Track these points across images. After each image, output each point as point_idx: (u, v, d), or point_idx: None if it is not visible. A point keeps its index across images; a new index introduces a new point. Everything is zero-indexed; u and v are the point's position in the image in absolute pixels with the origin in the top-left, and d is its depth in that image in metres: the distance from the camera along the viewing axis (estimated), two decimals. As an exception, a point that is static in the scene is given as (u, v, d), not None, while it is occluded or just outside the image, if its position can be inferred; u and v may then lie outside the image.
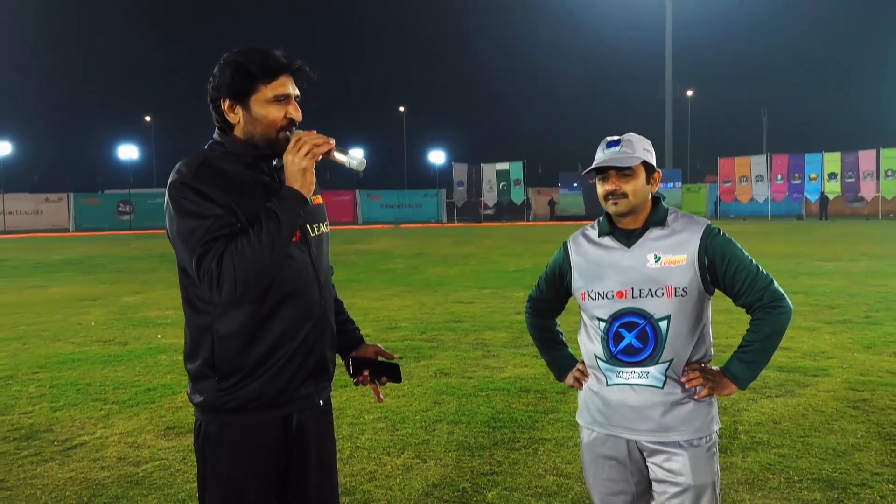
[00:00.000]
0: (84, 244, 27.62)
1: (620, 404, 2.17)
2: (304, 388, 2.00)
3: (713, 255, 2.12)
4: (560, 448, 4.20)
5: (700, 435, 2.14)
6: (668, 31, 54.97)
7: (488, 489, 3.65)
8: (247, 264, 1.77)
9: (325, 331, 2.05)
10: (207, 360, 1.91)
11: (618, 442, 2.19)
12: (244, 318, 1.89)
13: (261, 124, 1.92)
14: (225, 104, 1.94)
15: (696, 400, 2.14)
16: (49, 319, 9.32)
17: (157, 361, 6.70)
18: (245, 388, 1.91)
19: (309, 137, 1.89)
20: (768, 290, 2.13)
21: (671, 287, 2.11)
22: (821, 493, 3.53)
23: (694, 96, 70.75)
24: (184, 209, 1.84)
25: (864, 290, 10.58)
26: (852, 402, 5.00)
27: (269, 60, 1.91)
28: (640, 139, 2.20)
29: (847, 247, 19.75)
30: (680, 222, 2.18)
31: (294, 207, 1.86)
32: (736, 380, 2.14)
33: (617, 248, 2.19)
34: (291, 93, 1.95)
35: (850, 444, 4.17)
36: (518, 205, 48.85)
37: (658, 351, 2.12)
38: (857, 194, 42.28)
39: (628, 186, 2.13)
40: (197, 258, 1.80)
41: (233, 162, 1.93)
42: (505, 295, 10.90)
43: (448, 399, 5.23)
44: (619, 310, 2.15)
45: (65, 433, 4.66)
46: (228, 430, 1.94)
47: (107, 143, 68.33)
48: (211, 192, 1.83)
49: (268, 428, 1.95)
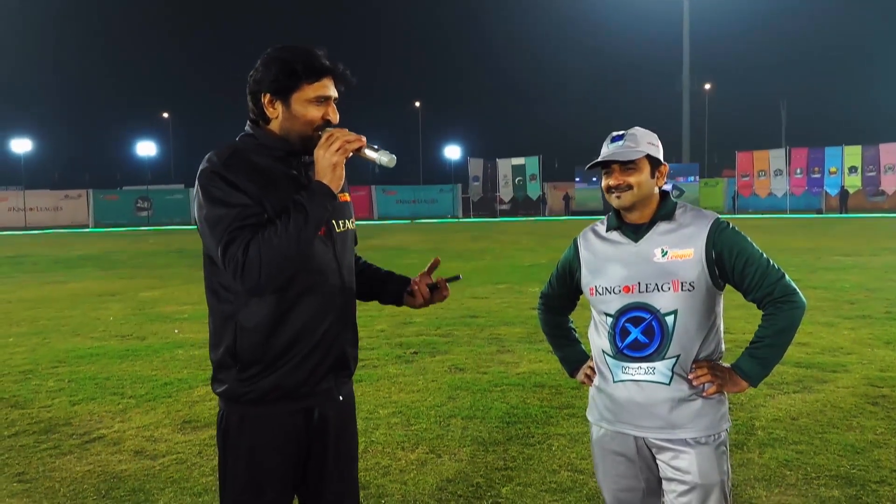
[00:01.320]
0: (103, 240, 27.91)
1: (627, 401, 2.15)
2: (325, 383, 2.02)
3: (721, 249, 2.09)
4: (574, 443, 4.18)
5: (708, 433, 2.10)
6: (685, 23, 54.48)
7: (502, 484, 3.64)
8: (272, 254, 1.79)
9: (346, 326, 2.07)
10: (229, 349, 1.94)
11: (626, 438, 2.18)
12: (266, 308, 1.91)
13: (299, 122, 1.95)
14: (265, 98, 1.96)
15: (705, 397, 2.11)
16: (68, 314, 9.43)
17: (175, 356, 6.76)
18: (265, 379, 1.93)
19: (340, 134, 1.92)
20: (779, 284, 2.08)
21: (678, 282, 2.08)
22: (839, 489, 3.49)
23: (712, 89, 70.15)
24: (212, 197, 1.86)
25: (884, 286, 10.45)
26: (871, 399, 4.94)
27: (314, 61, 1.94)
28: (646, 133, 2.18)
29: (867, 241, 19.51)
30: (688, 216, 2.16)
31: (322, 201, 1.88)
32: (746, 377, 2.10)
33: (624, 243, 2.18)
34: (332, 95, 1.99)
35: (868, 441, 4.13)
36: (534, 200, 48.72)
37: (664, 346, 2.09)
38: (877, 188, 41.73)
39: (632, 179, 2.12)
40: (223, 246, 1.82)
41: (263, 154, 1.96)
42: (520, 290, 10.88)
43: (463, 394, 5.23)
44: (625, 304, 2.14)
45: (83, 426, 4.71)
46: (249, 420, 1.96)
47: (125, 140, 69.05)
48: (239, 181, 1.86)
49: (288, 420, 1.97)
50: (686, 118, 57.51)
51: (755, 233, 2.23)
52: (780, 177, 43.47)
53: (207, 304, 2.03)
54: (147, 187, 50.18)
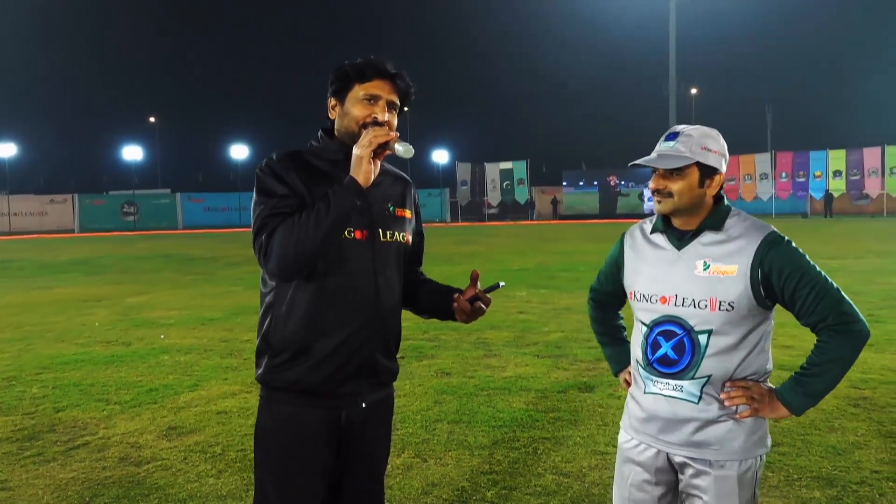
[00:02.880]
0: (89, 245, 27.73)
1: (654, 413, 2.06)
2: (347, 387, 2.04)
3: (770, 269, 1.92)
4: (559, 447, 4.20)
5: (735, 458, 1.97)
6: (671, 28, 54.83)
7: (487, 488, 3.66)
8: (291, 239, 1.87)
9: (377, 335, 2.07)
10: (265, 335, 2.04)
11: (648, 450, 2.09)
12: (297, 301, 1.98)
13: (348, 118, 2.05)
14: (330, 103, 2.11)
15: (737, 420, 1.97)
16: (53, 320, 9.36)
17: (160, 362, 6.73)
18: (290, 371, 2.00)
19: (373, 130, 1.98)
20: (835, 309, 1.91)
21: (716, 300, 1.94)
22: (820, 490, 3.53)
23: (698, 94, 70.61)
24: (260, 187, 1.99)
25: (868, 288, 10.56)
26: (853, 401, 4.99)
27: (366, 65, 2.05)
28: (704, 135, 2.00)
29: (852, 244, 19.71)
30: (739, 227, 1.99)
31: (347, 194, 1.93)
32: (787, 404, 1.96)
33: (667, 249, 2.05)
34: (383, 95, 2.05)
35: (850, 443, 4.17)
36: (522, 204, 48.83)
37: (694, 365, 1.97)
38: (862, 192, 42.15)
39: (674, 186, 1.97)
40: (256, 230, 1.95)
41: (323, 159, 2.07)
42: (508, 294, 10.90)
43: (449, 398, 5.24)
44: (660, 316, 2.03)
45: (67, 433, 4.68)
46: (275, 406, 2.04)
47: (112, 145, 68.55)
48: (287, 176, 1.97)
49: (312, 415, 2.02)
50: (672, 122, 57.84)
51: None
52: (766, 181, 43.82)
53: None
54: (133, 192, 49.88)
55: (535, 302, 10.05)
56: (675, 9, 53.75)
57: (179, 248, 24.08)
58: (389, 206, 2.13)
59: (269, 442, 2.06)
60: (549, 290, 11.09)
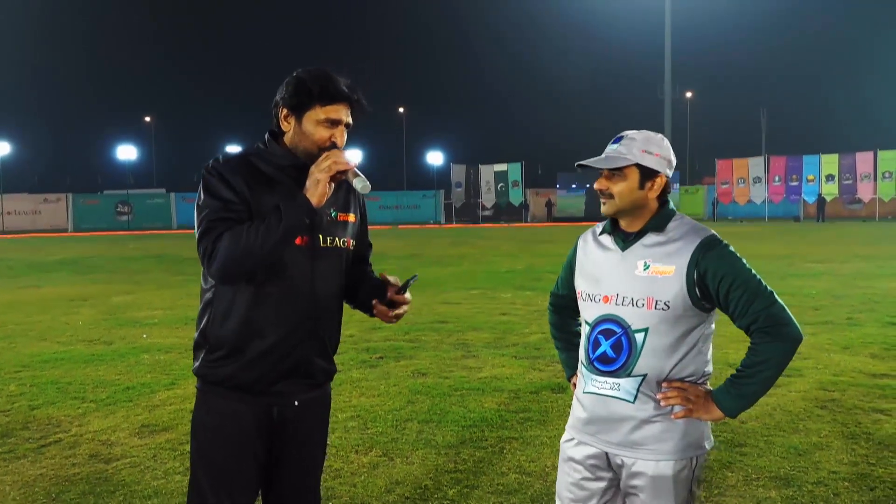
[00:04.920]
0: (81, 244, 27.68)
1: (593, 413, 2.11)
2: (280, 385, 2.10)
3: (705, 271, 1.96)
4: (526, 447, 4.25)
5: (669, 458, 2.01)
6: (667, 32, 54.97)
7: (449, 486, 3.70)
8: (237, 249, 1.93)
9: (312, 338, 2.13)
10: (203, 331, 2.10)
11: (587, 448, 2.13)
12: (235, 301, 2.05)
13: (307, 139, 2.07)
14: (282, 112, 2.10)
15: (672, 420, 2.01)
16: (37, 319, 9.38)
17: (140, 361, 6.76)
18: (224, 367, 2.07)
19: (334, 155, 2.03)
20: (765, 312, 1.94)
21: (652, 299, 1.99)
22: (776, 490, 3.58)
23: (693, 98, 70.75)
24: (206, 188, 2.03)
25: (850, 292, 10.63)
26: (821, 402, 5.04)
27: (330, 86, 2.06)
28: (647, 140, 2.07)
29: (841, 248, 19.80)
30: (679, 230, 2.05)
31: (299, 213, 1.99)
32: (721, 406, 1.99)
33: (613, 250, 2.11)
34: (343, 119, 2.09)
35: (812, 443, 4.23)
36: (516, 206, 48.87)
37: (630, 363, 2.02)
38: (854, 196, 42.31)
39: (615, 188, 2.05)
40: (200, 233, 1.99)
41: (269, 164, 2.09)
42: (492, 296, 10.95)
43: (422, 398, 5.28)
44: (601, 315, 2.09)
45: (40, 431, 4.71)
46: (210, 400, 2.11)
47: (106, 144, 68.57)
48: (233, 180, 2.01)
49: (244, 409, 2.08)
50: (668, 126, 57.93)
51: (734, 240, 2.15)
52: (759, 184, 43.94)
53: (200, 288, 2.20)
54: (128, 192, 49.80)
55: (520, 304, 10.10)
56: (670, 13, 53.90)
57: (172, 248, 24.07)
58: (331, 211, 2.16)
59: (203, 433, 2.13)
60: (535, 291, 11.13)
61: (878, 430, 4.44)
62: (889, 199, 40.81)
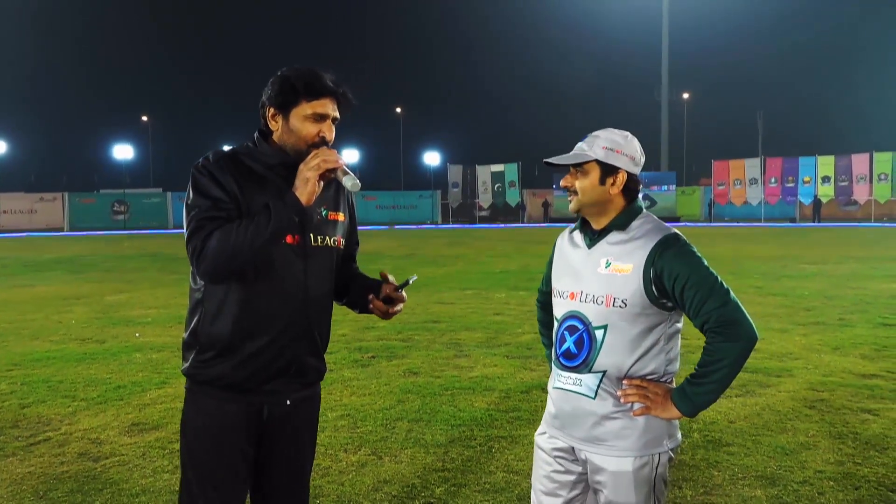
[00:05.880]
0: (77, 243, 27.65)
1: (559, 408, 2.16)
2: (272, 384, 2.10)
3: (661, 269, 1.99)
4: (514, 445, 4.26)
5: (629, 454, 2.04)
6: (664, 34, 55.09)
7: (437, 485, 3.71)
8: (226, 247, 1.92)
9: (304, 337, 2.13)
10: (193, 330, 2.09)
11: (557, 442, 2.18)
12: (226, 301, 2.04)
13: (295, 136, 2.07)
14: (269, 112, 2.10)
15: (632, 417, 2.04)
16: (31, 318, 9.37)
17: (132, 359, 6.76)
18: (215, 367, 2.06)
19: (323, 153, 2.02)
20: (717, 312, 1.95)
21: (611, 297, 2.03)
22: (762, 489, 3.60)
23: (690, 100, 70.90)
24: (195, 187, 2.02)
25: (842, 293, 10.66)
26: (810, 402, 5.06)
27: (315, 81, 2.06)
28: (609, 137, 2.09)
29: (835, 249, 19.84)
30: (641, 229, 2.07)
31: (288, 211, 1.98)
32: (677, 405, 2.02)
33: (581, 247, 2.15)
34: (330, 114, 2.09)
35: (799, 443, 4.24)
36: (513, 206, 48.90)
37: (591, 360, 2.06)
38: (850, 198, 42.40)
39: (578, 184, 2.10)
40: (190, 232, 1.98)
41: (258, 161, 2.09)
42: (486, 296, 10.97)
43: (412, 398, 5.29)
44: (567, 311, 2.13)
45: (30, 429, 4.71)
46: (200, 400, 2.10)
47: (103, 143, 68.40)
48: (223, 178, 2.01)
49: (234, 408, 2.07)
50: (664, 127, 58.10)
51: (729, 241, 2.15)
52: (756, 185, 44.01)
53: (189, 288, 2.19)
54: (124, 191, 49.73)
55: (513, 304, 10.11)
56: (667, 15, 54.00)
57: (167, 247, 24.04)
58: (322, 210, 2.16)
59: (192, 432, 2.12)
60: (529, 291, 11.13)
61: (866, 430, 4.47)
62: (885, 200, 40.91)
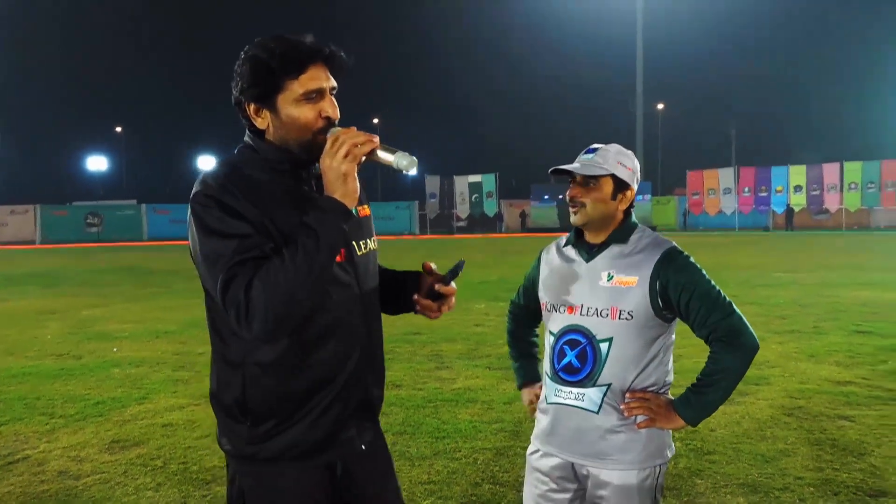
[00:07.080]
0: (50, 257, 27.24)
1: (558, 424, 2.15)
2: (346, 432, 1.76)
3: (666, 282, 2.02)
4: (500, 457, 4.28)
5: (633, 468, 2.05)
6: (638, 46, 55.78)
7: (423, 497, 3.72)
8: (279, 293, 1.49)
9: (370, 365, 1.81)
10: (238, 400, 1.67)
11: (552, 459, 2.17)
12: (280, 354, 1.64)
13: (293, 128, 1.65)
14: (250, 108, 1.68)
15: (636, 430, 2.05)
16: (4, 333, 9.21)
17: (110, 375, 6.67)
18: (281, 436, 1.67)
19: (348, 136, 1.60)
20: (723, 322, 2.01)
21: (616, 309, 2.04)
22: (743, 497, 3.65)
23: (664, 111, 71.86)
24: (207, 227, 1.58)
25: (816, 301, 10.84)
26: (788, 410, 5.15)
27: (292, 51, 1.62)
28: (621, 153, 2.13)
29: (808, 258, 20.17)
30: (642, 242, 2.10)
31: (335, 221, 1.57)
32: (682, 415, 2.04)
33: (577, 261, 2.15)
34: (325, 86, 1.66)
35: (779, 450, 4.31)
36: (490, 217, 49.10)
37: (595, 373, 2.06)
38: (821, 206, 43.17)
39: (588, 197, 2.08)
40: (222, 285, 1.53)
41: (265, 169, 1.67)
42: (466, 307, 10.98)
43: (396, 410, 5.29)
44: (566, 326, 2.13)
45: (7, 448, 4.64)
46: (265, 483, 1.71)
47: (76, 154, 67.51)
48: (239, 206, 1.58)
49: (308, 479, 1.73)
50: (639, 138, 58.72)
51: (704, 250, 2.20)
52: (729, 195, 44.66)
53: (211, 343, 1.76)
54: (97, 203, 49.16)
55: (493, 315, 10.14)
56: (642, 28, 54.73)
57: (142, 260, 23.79)
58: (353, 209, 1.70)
59: None
60: (509, 302, 11.18)
61: (843, 437, 4.55)
62: (855, 209, 41.72)
